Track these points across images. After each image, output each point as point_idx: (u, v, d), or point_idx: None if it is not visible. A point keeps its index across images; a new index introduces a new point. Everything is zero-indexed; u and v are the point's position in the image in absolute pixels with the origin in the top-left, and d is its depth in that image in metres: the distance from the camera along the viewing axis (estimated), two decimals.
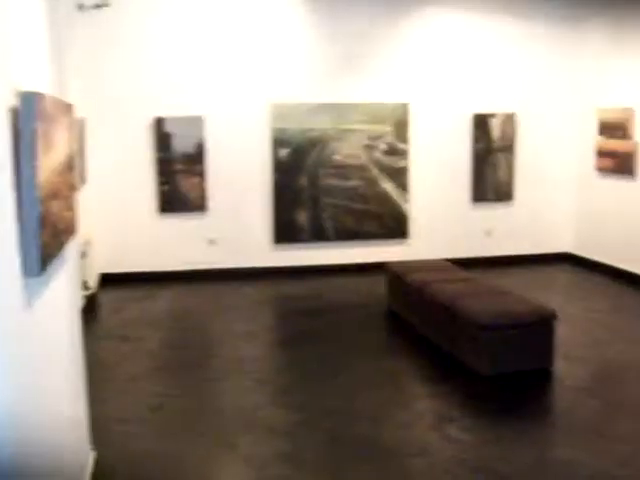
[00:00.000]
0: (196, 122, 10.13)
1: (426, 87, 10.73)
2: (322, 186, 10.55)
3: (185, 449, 5.25)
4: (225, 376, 6.76)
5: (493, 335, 6.49)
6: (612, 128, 10.21)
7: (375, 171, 10.66)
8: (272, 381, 6.65)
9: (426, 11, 10.57)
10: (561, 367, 6.75)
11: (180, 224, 10.25)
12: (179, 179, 10.18)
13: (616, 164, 10.16)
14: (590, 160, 10.74)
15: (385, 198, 10.73)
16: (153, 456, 5.18)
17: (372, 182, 10.68)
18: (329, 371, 6.81)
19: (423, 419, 5.79)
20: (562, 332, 7.33)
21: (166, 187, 10.15)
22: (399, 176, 10.74)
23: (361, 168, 10.64)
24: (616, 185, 10.26)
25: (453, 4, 10.59)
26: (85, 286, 8.71)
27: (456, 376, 6.64)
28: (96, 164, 9.73)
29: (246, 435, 5.50)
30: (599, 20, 10.54)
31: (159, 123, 10.03)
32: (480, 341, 6.54)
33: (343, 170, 10.59)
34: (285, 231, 10.52)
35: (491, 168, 11.01)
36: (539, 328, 6.65)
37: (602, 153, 10.46)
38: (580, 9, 10.83)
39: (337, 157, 10.55)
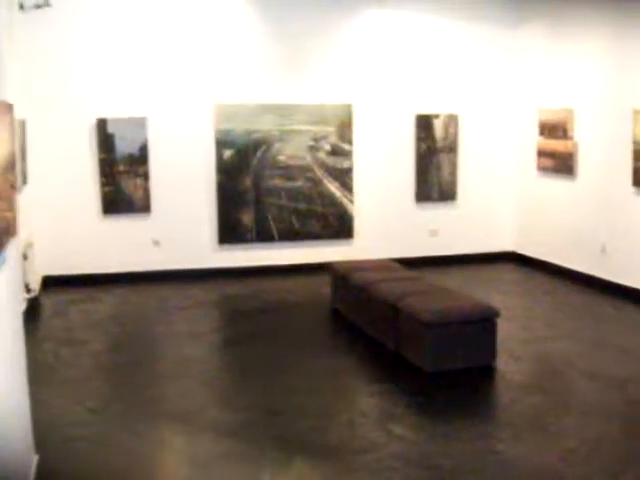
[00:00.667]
0: (139, 123, 10.05)
1: (369, 88, 10.80)
2: (267, 187, 10.54)
3: (128, 451, 5.21)
4: (169, 377, 6.72)
5: (436, 333, 6.56)
6: (552, 128, 10.38)
7: (319, 172, 10.69)
8: (216, 382, 6.64)
9: (369, 13, 10.63)
10: (504, 364, 6.84)
11: (124, 225, 10.15)
12: (122, 180, 10.08)
13: (556, 164, 10.34)
14: (531, 160, 10.90)
15: (330, 198, 10.77)
16: (96, 459, 5.13)
17: (316, 183, 10.71)
18: (274, 371, 6.82)
19: (367, 417, 5.82)
20: (505, 329, 7.43)
21: (109, 188, 10.04)
22: (343, 176, 10.78)
23: (305, 169, 10.66)
24: (557, 184, 10.44)
25: (396, 6, 10.66)
26: (27, 289, 8.58)
27: (400, 374, 6.69)
28: (37, 165, 9.59)
29: (190, 436, 5.47)
30: (539, 22, 10.71)
31: (102, 124, 9.92)
32: (423, 339, 6.60)
33: (288, 171, 10.60)
34: (230, 232, 10.48)
35: (434, 168, 11.11)
36: (482, 325, 6.73)
37: (543, 153, 10.63)
38: (521, 11, 11.00)
39: (281, 158, 10.56)
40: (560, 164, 10.25)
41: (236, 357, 7.43)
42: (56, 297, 9.37)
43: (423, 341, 6.61)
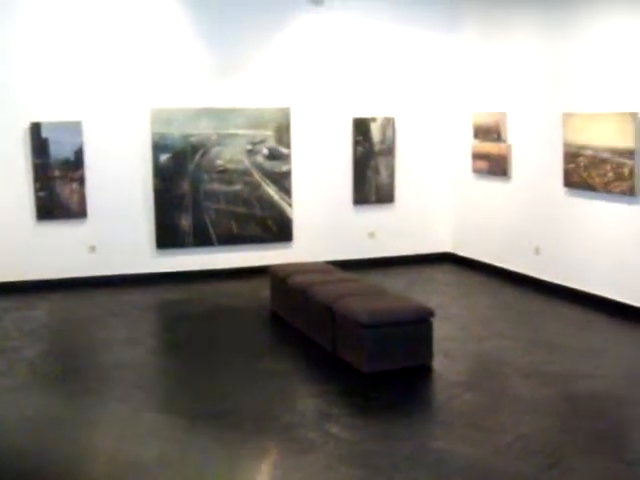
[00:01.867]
0: (74, 127, 9.93)
1: (307, 92, 10.84)
2: (205, 191, 10.50)
3: (63, 459, 5.15)
4: (105, 384, 6.66)
5: (373, 334, 6.61)
6: (486, 131, 10.55)
7: (258, 175, 10.69)
8: (153, 387, 6.60)
9: (305, 16, 10.68)
10: (440, 363, 6.93)
11: (59, 231, 10.01)
12: (57, 185, 9.94)
13: (490, 166, 10.51)
14: (467, 162, 11.07)
15: (268, 202, 10.77)
16: (30, 469, 5.05)
17: (255, 186, 10.70)
18: (213, 375, 6.79)
19: (306, 418, 5.84)
20: (442, 329, 7.55)
21: (44, 193, 9.90)
22: (282, 180, 10.80)
23: (244, 173, 10.65)
24: (491, 186, 10.61)
25: (334, 9, 10.72)
26: None
27: (338, 375, 6.73)
28: None
29: (126, 441, 5.43)
30: (474, 26, 10.88)
31: (36, 128, 9.78)
32: (360, 340, 6.65)
33: (226, 175, 10.57)
34: (168, 236, 10.42)
35: (372, 171, 11.20)
36: (418, 326, 6.81)
37: (477, 156, 10.79)
38: (456, 16, 11.16)
39: (219, 162, 10.53)
40: (494, 166, 10.43)
41: (174, 362, 7.40)
42: None
43: (360, 342, 6.66)
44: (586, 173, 8.73)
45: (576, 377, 6.62)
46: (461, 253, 11.44)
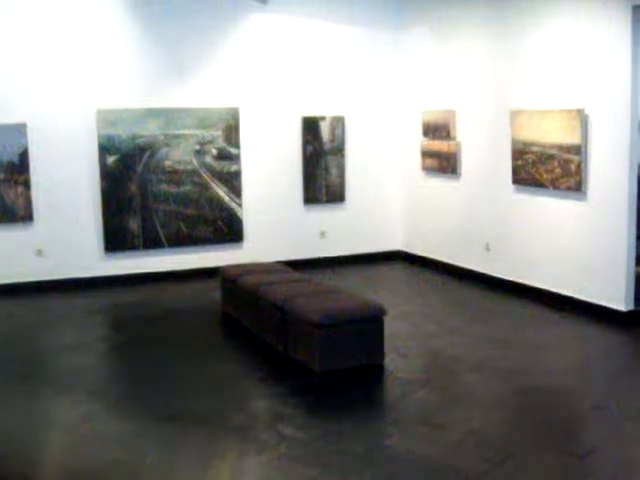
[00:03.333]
0: (18, 129, 9.74)
1: (255, 91, 10.78)
2: (153, 192, 10.38)
3: (10, 467, 5.03)
4: (54, 389, 6.52)
5: (324, 333, 6.57)
6: (436, 129, 10.59)
7: (207, 176, 10.60)
8: (104, 391, 6.47)
9: (253, 16, 10.62)
10: (392, 361, 6.92)
11: (4, 235, 9.80)
12: (2, 189, 9.74)
13: (440, 164, 10.55)
14: (416, 160, 11.09)
15: (218, 203, 10.69)
16: None
17: (204, 187, 10.61)
18: (163, 378, 6.71)
19: (258, 420, 5.79)
20: (393, 328, 7.55)
21: None
22: (231, 180, 10.72)
23: (192, 173, 10.55)
24: (441, 184, 10.66)
25: (281, 9, 10.67)
26: None
27: (290, 375, 6.70)
28: None
29: (76, 448, 5.33)
30: (422, 25, 10.91)
31: None
32: (312, 339, 6.61)
33: (174, 176, 10.46)
34: (116, 239, 10.27)
35: (322, 170, 11.17)
36: (369, 324, 6.79)
37: (427, 153, 10.83)
38: (404, 14, 11.19)
39: (168, 163, 10.42)
40: (444, 164, 10.47)
41: (124, 365, 7.32)
42: None
43: (312, 342, 6.62)
44: (534, 169, 8.80)
45: (527, 372, 6.66)
46: (413, 251, 11.47)
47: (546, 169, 8.63)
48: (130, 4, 10.04)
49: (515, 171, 9.10)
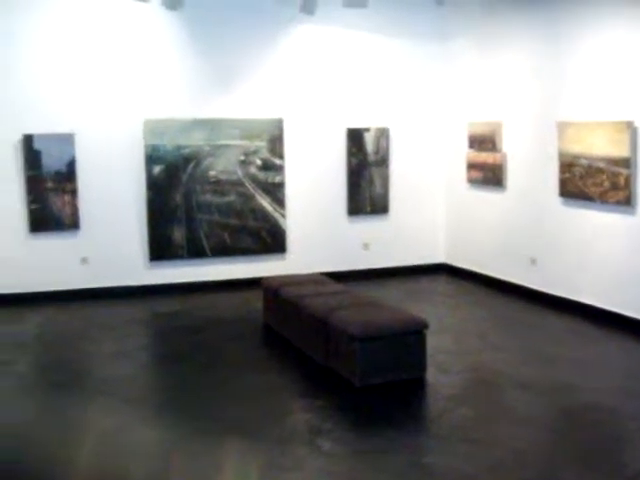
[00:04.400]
0: (67, 139, 9.86)
1: (300, 102, 10.78)
2: (198, 202, 10.43)
3: (47, 475, 5.06)
4: (93, 398, 6.55)
5: (365, 346, 6.53)
6: (481, 141, 10.48)
7: (251, 186, 10.62)
8: (142, 401, 6.48)
9: (300, 28, 10.63)
10: (433, 376, 6.84)
11: (51, 243, 9.93)
12: (50, 197, 9.87)
13: (486, 176, 10.44)
14: (461, 172, 11.00)
15: (262, 213, 10.70)
16: None
17: (248, 198, 10.63)
18: (202, 389, 6.70)
19: (296, 433, 5.74)
20: (435, 341, 7.47)
21: (36, 206, 9.82)
22: (275, 191, 10.73)
23: (237, 184, 10.58)
24: (486, 196, 10.54)
25: (326, 21, 10.66)
26: None
27: (330, 389, 6.65)
28: None
29: (112, 458, 5.33)
30: (468, 36, 10.82)
31: (28, 140, 9.71)
32: (352, 353, 6.56)
33: (219, 186, 10.51)
34: (161, 248, 10.34)
35: (366, 182, 11.13)
36: (411, 338, 6.73)
37: (472, 165, 10.73)
38: (450, 25, 11.11)
39: (212, 173, 10.47)
40: (489, 176, 10.36)
41: (164, 375, 7.33)
42: None
43: (352, 355, 6.57)
44: (581, 182, 8.67)
45: (571, 389, 6.53)
46: (456, 264, 11.37)
47: (594, 182, 8.49)
48: (179, 15, 10.10)
49: (562, 184, 8.96)
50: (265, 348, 8.17)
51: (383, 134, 11.13)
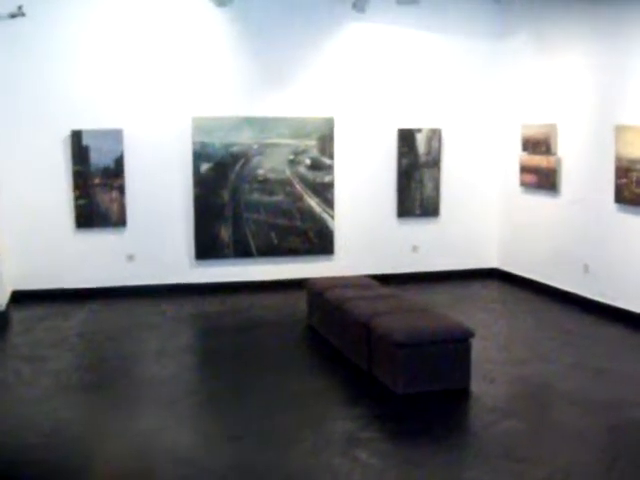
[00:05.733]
0: (115, 135, 9.85)
1: (351, 101, 10.61)
2: (245, 201, 10.32)
3: (84, 475, 4.98)
4: (131, 398, 6.48)
5: (408, 353, 6.34)
6: (535, 144, 10.19)
7: (299, 186, 10.49)
8: (180, 404, 6.36)
9: (351, 26, 10.46)
10: (479, 386, 6.61)
11: (97, 239, 9.93)
12: (97, 193, 9.87)
13: (539, 180, 10.15)
14: (514, 176, 10.71)
15: (310, 214, 10.55)
16: None
17: (296, 197, 10.50)
18: (242, 392, 6.57)
19: (334, 443, 5.57)
20: (482, 350, 7.26)
21: (83, 201, 9.82)
22: (324, 191, 10.57)
23: (285, 183, 10.45)
24: (539, 200, 10.25)
25: (378, 20, 10.47)
26: None
27: (371, 396, 6.47)
28: (9, 177, 9.42)
29: (145, 463, 5.24)
30: (522, 36, 10.54)
31: (76, 136, 9.71)
32: (395, 360, 6.38)
33: (267, 185, 10.39)
34: (207, 247, 10.26)
35: (417, 183, 10.91)
36: (456, 346, 6.52)
37: (526, 169, 10.43)
38: (504, 25, 10.84)
39: (260, 172, 10.35)
40: (543, 180, 10.07)
41: (202, 376, 7.28)
42: (25, 312, 9.14)
43: (395, 362, 6.39)
44: (639, 189, 8.34)
45: (622, 405, 6.24)
46: (507, 269, 11.08)
47: None
48: (228, 14, 10.00)
49: (618, 190, 8.65)
50: (308, 351, 8.03)
51: (435, 135, 10.90)
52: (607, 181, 8.84)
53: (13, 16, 9.33)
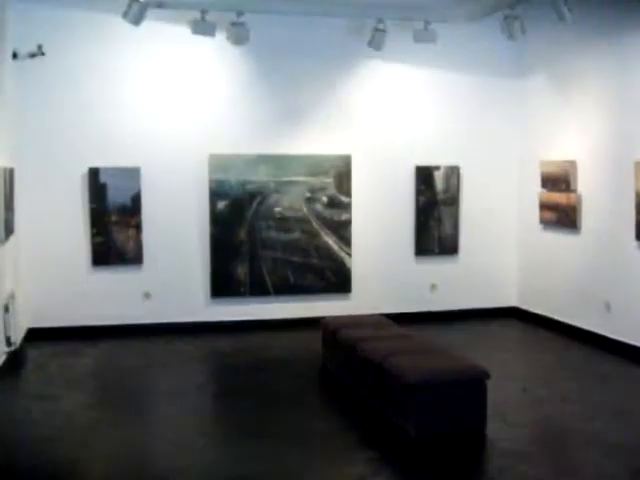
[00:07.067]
0: (132, 173, 9.86)
1: (368, 139, 10.58)
2: (262, 239, 10.28)
3: None
4: (143, 439, 6.39)
5: (422, 395, 6.20)
6: (555, 181, 10.08)
7: (316, 224, 10.43)
8: (192, 445, 6.25)
9: (368, 64, 10.46)
10: (495, 429, 6.44)
11: (114, 277, 9.90)
12: (114, 231, 9.87)
13: (559, 217, 10.02)
14: (534, 213, 10.59)
15: (327, 251, 10.48)
16: None
17: (313, 235, 10.44)
18: (254, 432, 6.46)
19: None
20: (500, 390, 7.08)
21: (100, 239, 9.82)
22: (341, 229, 10.51)
23: (302, 221, 10.40)
24: (560, 238, 10.11)
25: (395, 57, 10.46)
26: (8, 342, 8.33)
27: (384, 438, 6.33)
28: (26, 215, 9.44)
29: None
30: (540, 74, 10.49)
31: (94, 173, 9.74)
32: (408, 401, 6.24)
33: (283, 223, 10.35)
34: (223, 285, 10.20)
35: (435, 221, 10.82)
36: (470, 388, 6.38)
37: (545, 206, 10.31)
38: (522, 63, 10.80)
39: (277, 209, 10.31)
40: (563, 217, 9.94)
41: (217, 417, 7.18)
42: (40, 350, 9.09)
43: (407, 404, 6.25)
44: None
45: None
46: (527, 308, 10.92)
47: None
48: (245, 51, 10.02)
49: (639, 226, 8.51)
50: (321, 391, 7.91)
51: (453, 172, 10.83)
52: (628, 218, 8.70)
53: (33, 55, 9.40)
